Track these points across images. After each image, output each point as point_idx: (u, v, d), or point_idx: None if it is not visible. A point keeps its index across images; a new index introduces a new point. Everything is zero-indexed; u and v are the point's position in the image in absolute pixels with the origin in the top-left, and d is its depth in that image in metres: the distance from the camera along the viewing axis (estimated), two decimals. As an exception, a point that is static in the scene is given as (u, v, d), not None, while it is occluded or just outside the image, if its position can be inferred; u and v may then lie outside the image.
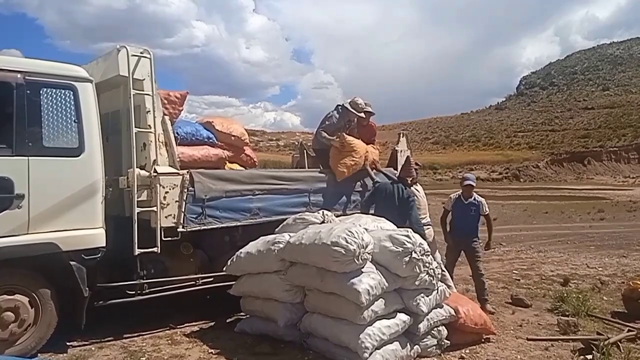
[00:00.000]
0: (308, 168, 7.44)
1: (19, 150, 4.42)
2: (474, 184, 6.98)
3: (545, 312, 6.52)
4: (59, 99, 4.71)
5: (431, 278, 4.84)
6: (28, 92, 4.51)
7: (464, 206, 6.91)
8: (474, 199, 6.92)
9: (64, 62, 4.96)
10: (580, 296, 6.61)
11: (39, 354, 4.53)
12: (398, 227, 5.35)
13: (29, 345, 4.48)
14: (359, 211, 6.70)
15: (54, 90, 4.69)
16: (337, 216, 5.91)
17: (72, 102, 4.75)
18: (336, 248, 4.48)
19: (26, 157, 4.43)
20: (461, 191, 7.00)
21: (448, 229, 7.12)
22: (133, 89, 5.18)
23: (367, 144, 7.19)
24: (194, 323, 5.67)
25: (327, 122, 6.91)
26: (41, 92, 4.62)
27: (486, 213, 6.94)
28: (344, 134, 6.79)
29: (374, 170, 7.13)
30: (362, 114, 7.12)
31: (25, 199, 4.39)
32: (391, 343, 4.56)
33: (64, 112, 4.72)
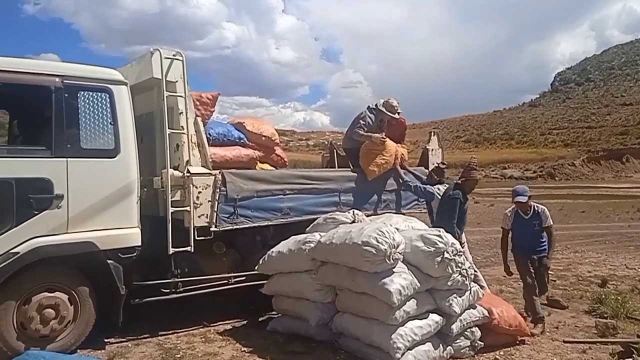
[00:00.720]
0: (338, 167, 7.44)
1: (58, 151, 4.56)
2: (525, 200, 5.82)
3: (582, 314, 6.35)
4: (96, 101, 4.84)
5: (464, 278, 4.78)
6: (66, 95, 4.64)
7: (526, 222, 5.88)
8: (535, 211, 5.88)
9: (99, 66, 5.09)
10: (619, 297, 6.41)
11: (78, 350, 4.67)
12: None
13: (68, 341, 4.62)
14: (390, 211, 6.68)
15: (91, 93, 4.82)
16: (367, 216, 5.89)
17: (108, 105, 4.88)
18: (367, 248, 4.48)
19: (65, 159, 4.57)
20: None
21: (510, 248, 6.08)
22: (166, 90, 5.28)
23: (397, 141, 7.16)
24: (227, 321, 5.75)
25: (361, 122, 6.91)
26: (78, 95, 4.75)
27: (549, 225, 5.88)
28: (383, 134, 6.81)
29: (403, 170, 7.08)
30: (396, 115, 7.10)
31: (65, 199, 4.52)
32: (423, 344, 4.53)
33: (100, 114, 4.85)
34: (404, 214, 6.72)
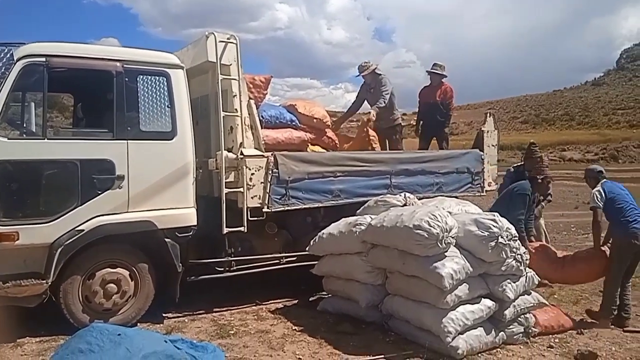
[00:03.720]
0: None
1: (119, 134, 4.75)
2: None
3: (644, 302, 6.09)
4: (153, 85, 4.99)
5: (519, 264, 4.67)
6: (126, 79, 4.81)
7: (622, 188, 5.65)
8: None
9: (157, 50, 5.23)
10: (685, 287, 6.11)
11: (138, 324, 4.90)
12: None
13: (129, 315, 4.85)
14: (442, 194, 6.59)
15: (149, 77, 4.98)
16: (419, 199, 5.83)
17: (165, 88, 5.02)
18: (418, 231, 4.44)
19: (125, 141, 4.76)
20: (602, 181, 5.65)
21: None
22: (220, 74, 5.36)
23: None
24: (278, 300, 5.88)
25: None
26: (138, 79, 4.92)
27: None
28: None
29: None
30: (364, 73, 7.30)
31: (125, 179, 4.72)
32: (475, 328, 4.48)
33: (158, 97, 5.01)
34: (457, 197, 6.61)
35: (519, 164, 7.27)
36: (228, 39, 5.49)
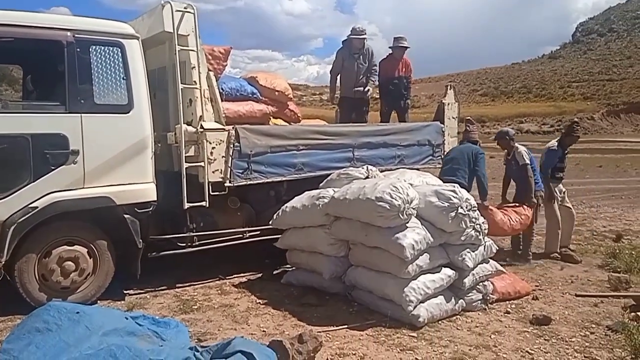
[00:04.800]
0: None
1: (72, 107, 4.57)
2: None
3: (595, 268, 6.36)
4: (107, 56, 4.81)
5: (477, 233, 4.79)
6: (78, 50, 4.62)
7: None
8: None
9: (111, 19, 5.03)
10: (633, 252, 6.41)
11: (98, 302, 4.82)
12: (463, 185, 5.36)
13: (88, 293, 4.76)
14: (404, 166, 6.66)
15: (102, 48, 4.79)
16: (381, 171, 5.88)
17: (120, 60, 4.85)
18: (381, 203, 4.48)
19: (79, 114, 4.59)
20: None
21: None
22: (178, 44, 5.20)
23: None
24: (242, 274, 5.87)
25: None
26: (90, 49, 4.72)
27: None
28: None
29: None
30: (362, 36, 7.40)
31: (80, 154, 4.57)
32: (436, 297, 4.59)
33: (113, 69, 4.83)
34: (418, 169, 6.69)
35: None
36: (185, 8, 5.31)
